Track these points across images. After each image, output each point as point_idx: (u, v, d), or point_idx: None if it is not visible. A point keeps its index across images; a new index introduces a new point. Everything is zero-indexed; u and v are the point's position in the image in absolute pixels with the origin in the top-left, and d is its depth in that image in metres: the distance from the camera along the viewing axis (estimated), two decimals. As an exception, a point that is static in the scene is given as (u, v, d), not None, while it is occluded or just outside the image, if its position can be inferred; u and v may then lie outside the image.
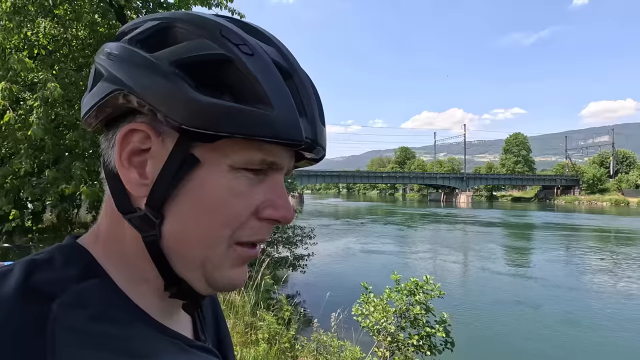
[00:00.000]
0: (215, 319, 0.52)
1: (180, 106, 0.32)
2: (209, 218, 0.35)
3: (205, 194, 0.35)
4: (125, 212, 0.37)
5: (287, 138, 0.34)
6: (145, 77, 0.33)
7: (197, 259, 0.36)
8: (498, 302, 9.31)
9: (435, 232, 23.47)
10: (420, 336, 4.03)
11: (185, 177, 0.35)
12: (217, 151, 0.34)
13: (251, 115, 0.33)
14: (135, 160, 0.36)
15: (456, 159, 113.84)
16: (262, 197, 0.37)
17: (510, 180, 76.04)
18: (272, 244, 9.09)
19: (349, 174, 70.55)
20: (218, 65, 0.33)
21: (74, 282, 0.34)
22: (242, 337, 3.81)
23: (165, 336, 0.38)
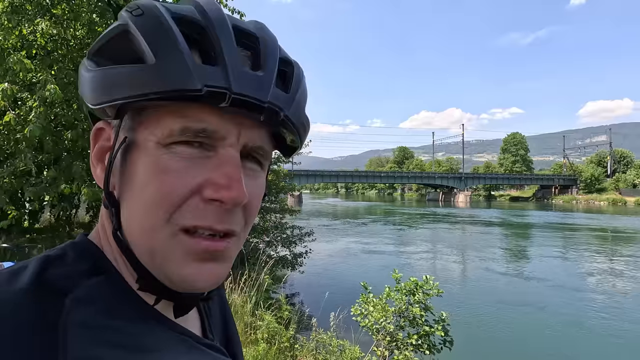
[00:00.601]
0: (223, 318, 0.52)
1: (87, 88, 0.35)
2: (140, 199, 0.34)
3: (137, 175, 0.34)
4: (106, 207, 0.38)
5: (175, 88, 0.31)
6: (80, 77, 0.37)
7: (145, 248, 0.35)
8: (497, 301, 9.34)
9: (434, 232, 23.51)
10: (419, 335, 4.05)
11: (124, 162, 0.35)
12: (144, 129, 0.34)
13: (130, 74, 0.32)
14: (104, 157, 0.38)
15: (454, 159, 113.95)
16: (204, 175, 0.34)
17: (508, 180, 76.23)
18: (271, 244, 9.09)
19: (347, 173, 70.58)
20: (117, 38, 0.34)
21: (85, 277, 0.34)
22: (241, 337, 3.82)
23: (175, 333, 0.38)
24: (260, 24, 0.38)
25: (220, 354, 0.43)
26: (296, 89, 0.38)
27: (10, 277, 0.32)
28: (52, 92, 3.96)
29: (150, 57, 0.32)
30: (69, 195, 5.45)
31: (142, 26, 0.33)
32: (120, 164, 0.35)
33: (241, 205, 0.35)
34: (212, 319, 0.49)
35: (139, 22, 0.33)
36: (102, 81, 0.33)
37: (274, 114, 0.35)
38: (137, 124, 0.34)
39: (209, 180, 0.33)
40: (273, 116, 0.35)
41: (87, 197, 4.49)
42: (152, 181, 0.33)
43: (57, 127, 5.51)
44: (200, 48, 0.33)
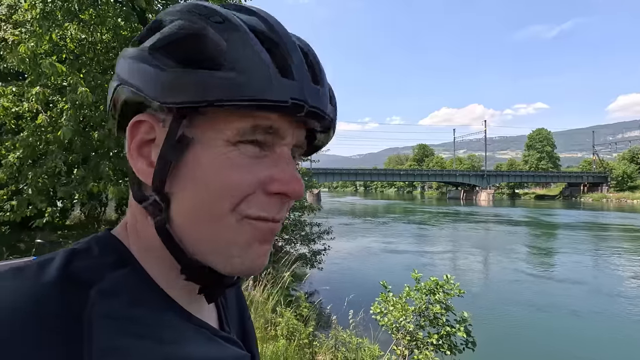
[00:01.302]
0: (239, 312, 0.53)
1: (155, 85, 0.35)
2: (208, 192, 0.35)
3: (202, 170, 0.35)
4: (140, 201, 0.38)
5: (265, 99, 0.33)
6: (135, 68, 0.36)
7: (207, 235, 0.36)
8: (522, 303, 9.07)
9: (456, 231, 23.06)
10: (440, 335, 3.99)
11: (182, 158, 0.36)
12: (210, 128, 0.35)
13: (220, 81, 0.33)
14: (145, 150, 0.38)
15: (476, 156, 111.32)
16: (267, 171, 0.37)
17: (533, 177, 73.73)
18: (290, 241, 9.16)
19: (366, 171, 70.14)
20: (191, 40, 0.34)
21: (109, 270, 0.35)
22: (261, 333, 3.87)
23: (193, 324, 0.39)
24: (303, 40, 0.41)
25: (236, 346, 0.45)
26: (336, 101, 0.42)
27: (38, 269, 0.33)
28: (83, 95, 4.12)
29: (239, 68, 0.33)
30: (97, 194, 5.66)
31: (224, 34, 0.34)
32: (171, 157, 0.36)
33: (300, 198, 0.38)
34: (229, 312, 0.50)
35: (220, 30, 0.34)
36: (187, 81, 0.34)
37: (329, 124, 0.40)
38: (201, 123, 0.35)
39: (272, 176, 0.37)
40: (327, 125, 0.40)
41: (114, 195, 4.66)
42: (219, 175, 0.35)
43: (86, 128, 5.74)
44: (275, 61, 0.35)
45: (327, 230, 9.72)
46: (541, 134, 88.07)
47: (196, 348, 0.38)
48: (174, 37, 0.35)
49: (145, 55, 0.36)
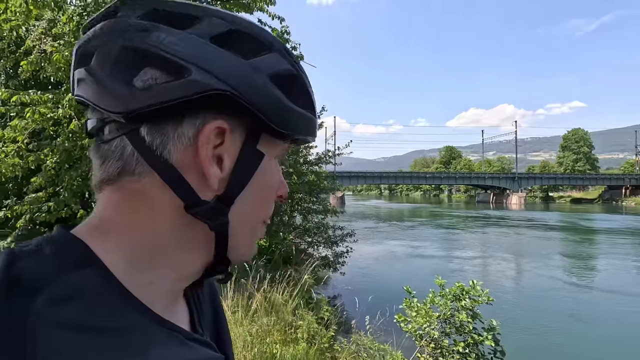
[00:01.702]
0: (214, 313, 0.51)
1: (278, 112, 0.38)
2: (264, 202, 0.43)
3: (264, 182, 0.41)
4: (191, 206, 0.37)
5: (312, 138, 0.44)
6: (252, 85, 0.37)
7: (247, 237, 0.42)
8: (557, 313, 8.59)
9: (486, 236, 22.25)
10: (467, 343, 3.83)
11: (247, 170, 0.40)
12: (271, 146, 0.41)
13: (312, 121, 0.42)
14: (214, 155, 0.38)
15: (506, 158, 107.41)
16: (278, 178, 0.44)
17: (569, 180, 70.11)
18: (312, 244, 9.15)
19: (390, 174, 69.19)
20: (292, 79, 0.40)
21: (64, 272, 0.32)
22: (282, 336, 3.87)
23: (164, 328, 0.37)
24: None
25: (209, 349, 0.43)
26: None
27: None
28: None
29: (314, 112, 0.43)
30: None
31: (308, 83, 0.42)
32: (251, 169, 0.40)
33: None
34: (203, 313, 0.48)
35: (305, 78, 0.42)
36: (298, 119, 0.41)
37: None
38: (267, 142, 0.41)
39: (281, 182, 0.44)
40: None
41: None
42: (273, 187, 0.43)
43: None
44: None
45: (350, 233, 9.64)
46: (577, 134, 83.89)
47: (167, 353, 0.36)
48: (282, 71, 0.39)
49: (260, 76, 0.38)
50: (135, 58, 0.35)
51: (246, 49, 0.38)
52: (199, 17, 0.37)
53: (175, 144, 0.36)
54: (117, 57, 0.35)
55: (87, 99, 0.37)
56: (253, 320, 3.83)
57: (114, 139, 0.37)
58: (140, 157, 0.36)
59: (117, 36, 0.35)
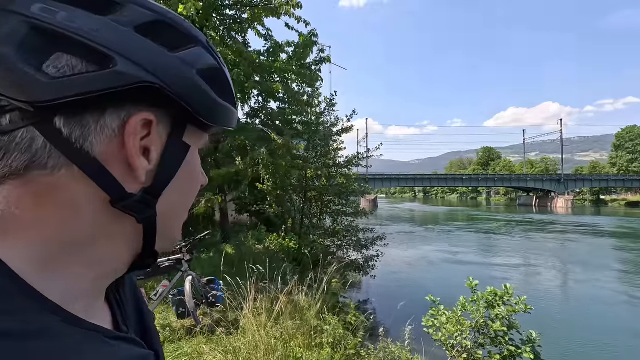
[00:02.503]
0: (137, 310, 0.49)
1: (207, 105, 0.39)
2: (189, 192, 0.44)
3: (188, 173, 0.42)
4: (118, 200, 0.35)
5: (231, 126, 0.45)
6: (181, 78, 0.37)
7: (174, 227, 0.43)
8: (606, 328, 7.87)
9: (528, 242, 20.98)
10: (503, 356, 3.57)
11: (173, 161, 0.40)
12: (196, 137, 0.42)
13: (233, 114, 0.44)
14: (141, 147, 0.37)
15: (551, 159, 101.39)
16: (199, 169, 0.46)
17: (623, 182, 64.71)
18: (342, 247, 9.05)
19: (425, 177, 67.38)
20: (217, 73, 0.41)
21: None
22: (306, 340, 3.81)
23: (81, 329, 0.35)
24: None
25: (136, 345, 0.42)
26: None
27: None
28: None
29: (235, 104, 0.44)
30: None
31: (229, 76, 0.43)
32: (178, 160, 0.40)
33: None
34: (126, 310, 0.46)
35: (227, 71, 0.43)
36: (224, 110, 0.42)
37: None
38: (193, 134, 0.41)
39: (201, 172, 0.46)
40: None
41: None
42: (197, 176, 0.44)
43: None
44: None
45: (380, 237, 9.43)
46: (633, 132, 77.64)
47: (85, 354, 0.33)
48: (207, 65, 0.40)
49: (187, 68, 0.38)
50: (45, 40, 0.31)
51: (171, 41, 0.37)
52: (121, 4, 0.34)
53: (98, 136, 0.34)
54: (24, 36, 0.31)
55: None
56: (277, 324, 3.81)
57: (17, 130, 0.33)
58: (54, 150, 0.33)
59: (25, 15, 0.31)
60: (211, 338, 3.83)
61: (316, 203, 9.90)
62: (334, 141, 10.14)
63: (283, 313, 3.98)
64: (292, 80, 8.40)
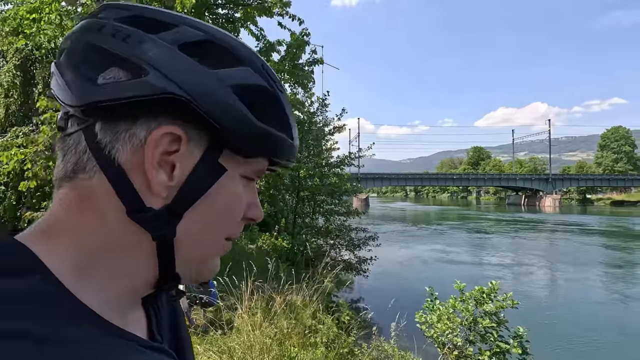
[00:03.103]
0: (172, 316, 0.49)
1: (239, 125, 0.37)
2: (222, 220, 0.40)
3: (222, 199, 0.39)
4: (133, 211, 0.35)
5: (293, 161, 0.43)
6: (210, 93, 0.36)
7: (200, 254, 0.40)
8: (593, 324, 8.08)
9: (517, 240, 21.34)
10: (493, 352, 3.65)
11: (205, 183, 0.37)
12: (235, 163, 0.39)
13: (284, 143, 0.40)
14: (166, 163, 0.36)
15: (539, 158, 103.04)
16: (247, 200, 0.42)
17: (608, 181, 66.16)
18: (335, 247, 9.10)
19: (416, 176, 67.89)
20: (263, 96, 0.39)
21: (5, 278, 0.31)
22: (300, 339, 3.84)
23: (116, 337, 0.35)
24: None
25: (167, 356, 0.41)
26: None
27: None
28: None
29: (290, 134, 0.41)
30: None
31: (286, 105, 0.41)
32: (206, 182, 0.38)
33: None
34: (161, 321, 0.46)
35: (283, 98, 0.41)
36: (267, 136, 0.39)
37: None
38: (231, 158, 0.39)
39: (252, 204, 0.43)
40: None
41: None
42: (233, 207, 0.40)
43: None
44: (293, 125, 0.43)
45: (372, 237, 9.50)
46: (618, 132, 79.30)
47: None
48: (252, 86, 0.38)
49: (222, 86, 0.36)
50: (102, 57, 0.35)
51: (216, 60, 0.37)
52: (175, 25, 0.37)
53: (125, 144, 0.35)
54: (84, 54, 0.36)
55: (54, 92, 0.38)
56: (272, 323, 3.82)
57: (73, 133, 0.37)
58: (90, 154, 0.36)
59: (87, 35, 0.36)
60: (205, 338, 3.83)
61: (309, 202, 9.92)
62: (327, 141, 10.19)
63: (277, 313, 4.00)
64: (285, 81, 8.41)
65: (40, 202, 7.17)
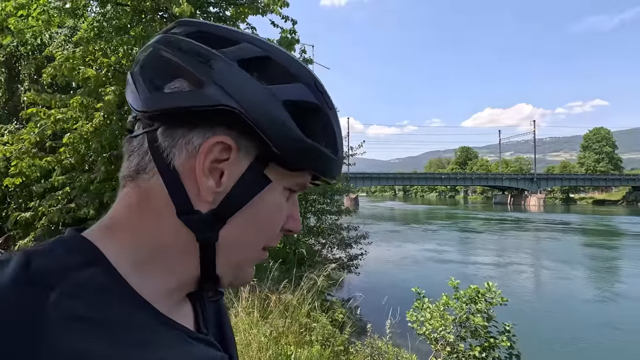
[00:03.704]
0: (217, 314, 0.52)
1: (286, 139, 0.38)
2: (262, 229, 0.42)
3: (264, 209, 0.41)
4: (183, 212, 0.38)
5: (337, 177, 0.45)
6: (262, 106, 0.37)
7: (238, 260, 0.42)
8: (571, 316, 8.35)
9: (502, 239, 21.76)
10: (483, 347, 3.75)
11: (248, 191, 0.39)
12: (279, 176, 0.41)
13: (329, 160, 0.41)
14: (215, 170, 0.38)
15: (524, 158, 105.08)
16: (287, 212, 0.44)
17: (590, 181, 67.95)
18: (327, 245, 9.14)
19: (405, 175, 68.48)
20: (313, 112, 0.40)
21: (74, 270, 0.34)
22: (296, 337, 3.87)
23: (169, 326, 0.39)
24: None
25: (213, 348, 0.45)
26: None
27: None
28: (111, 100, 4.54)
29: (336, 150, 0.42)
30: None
31: (336, 122, 0.42)
32: (251, 191, 0.40)
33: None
34: (207, 315, 0.49)
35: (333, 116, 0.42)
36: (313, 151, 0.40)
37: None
38: (276, 170, 0.40)
39: (292, 216, 0.44)
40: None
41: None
42: (274, 217, 0.42)
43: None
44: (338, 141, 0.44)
45: (364, 235, 9.58)
46: (599, 133, 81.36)
47: (171, 350, 0.37)
48: (304, 103, 0.39)
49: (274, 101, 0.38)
50: (170, 68, 0.39)
51: (272, 76, 0.39)
52: (237, 41, 0.40)
53: (181, 149, 0.38)
54: (155, 65, 0.40)
55: (127, 98, 0.42)
56: (268, 322, 3.84)
57: (138, 136, 0.40)
58: (151, 156, 0.39)
59: (159, 47, 0.40)
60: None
61: (300, 202, 9.94)
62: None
63: (273, 311, 4.02)
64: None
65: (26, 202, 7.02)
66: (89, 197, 5.54)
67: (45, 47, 7.58)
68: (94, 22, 5.87)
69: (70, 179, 5.77)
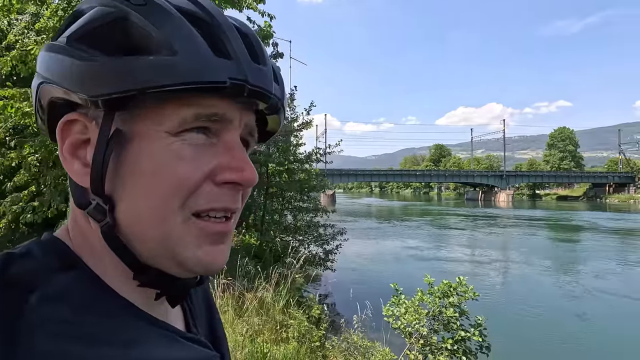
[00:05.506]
0: (208, 312, 0.51)
1: (77, 78, 0.32)
2: (154, 188, 0.33)
3: (144, 166, 0.33)
4: (82, 206, 0.36)
5: (200, 81, 0.31)
6: (54, 61, 0.34)
7: (155, 237, 0.34)
8: (539, 308, 8.77)
9: (473, 234, 22.55)
10: (455, 340, 3.88)
11: (118, 155, 0.33)
12: (147, 120, 0.33)
13: (150, 66, 0.31)
14: (80, 152, 0.36)
15: (495, 156, 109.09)
16: (215, 160, 0.35)
17: (555, 178, 71.55)
18: (303, 242, 9.15)
19: (381, 172, 69.65)
20: (114, 26, 0.33)
21: (54, 273, 0.33)
22: (272, 335, 3.86)
23: (156, 327, 0.37)
24: (243, 23, 0.39)
25: (204, 347, 0.43)
26: (282, 81, 0.40)
27: None
28: None
29: (169, 49, 0.31)
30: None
31: (149, 17, 0.32)
32: (105, 155, 0.33)
33: (254, 185, 0.37)
34: (197, 315, 0.48)
35: (142, 12, 0.32)
36: (112, 70, 0.31)
37: (275, 104, 0.38)
38: (134, 116, 0.33)
39: (221, 165, 0.35)
40: (274, 105, 0.38)
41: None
42: (164, 170, 0.33)
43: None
44: (208, 42, 0.33)
45: (340, 232, 9.65)
46: (563, 132, 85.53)
47: (159, 351, 0.36)
48: (93, 24, 0.33)
49: (63, 46, 0.34)
50: None
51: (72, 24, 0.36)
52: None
53: (60, 138, 0.36)
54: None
55: None
56: (244, 320, 3.81)
57: None
58: None
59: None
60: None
61: (277, 199, 9.88)
62: (295, 136, 10.16)
63: (249, 310, 3.99)
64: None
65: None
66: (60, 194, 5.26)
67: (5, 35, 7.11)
68: (58, 9, 5.55)
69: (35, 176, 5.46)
